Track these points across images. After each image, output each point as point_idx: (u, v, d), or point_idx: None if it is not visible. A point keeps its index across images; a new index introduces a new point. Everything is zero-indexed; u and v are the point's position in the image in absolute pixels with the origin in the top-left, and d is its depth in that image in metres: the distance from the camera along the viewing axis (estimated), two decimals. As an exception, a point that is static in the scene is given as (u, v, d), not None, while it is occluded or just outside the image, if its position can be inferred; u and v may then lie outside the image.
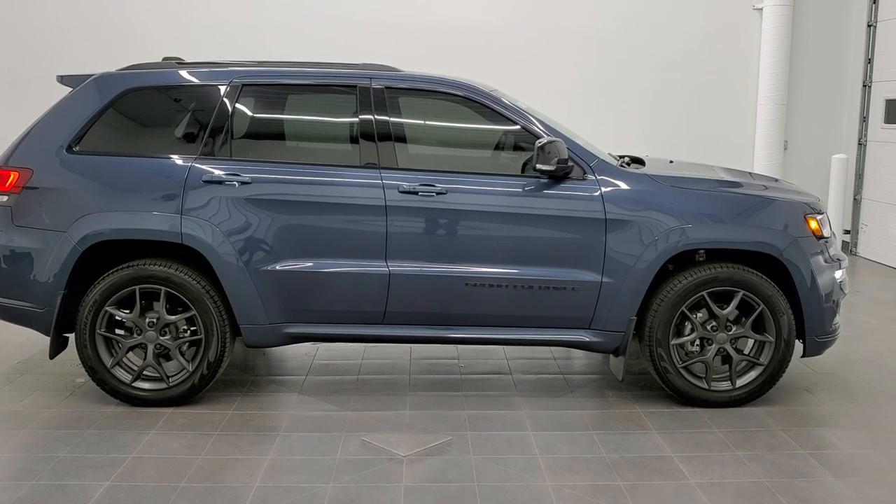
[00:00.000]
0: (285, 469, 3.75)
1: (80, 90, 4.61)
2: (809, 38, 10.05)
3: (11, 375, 5.04)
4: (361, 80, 4.61)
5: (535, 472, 3.75)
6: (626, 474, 3.75)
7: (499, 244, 4.48)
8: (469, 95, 4.63)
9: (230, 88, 4.58)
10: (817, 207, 4.68)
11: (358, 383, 4.97)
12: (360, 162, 4.49)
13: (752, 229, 4.51)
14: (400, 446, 4.01)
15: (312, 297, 4.47)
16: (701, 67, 10.05)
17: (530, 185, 4.48)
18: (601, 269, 4.44)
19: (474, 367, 5.31)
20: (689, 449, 4.04)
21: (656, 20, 9.98)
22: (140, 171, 4.45)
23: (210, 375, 4.48)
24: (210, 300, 4.40)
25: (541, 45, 9.93)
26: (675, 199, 4.48)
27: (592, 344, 4.56)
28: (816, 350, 4.66)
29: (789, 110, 9.96)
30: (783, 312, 4.48)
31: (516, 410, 4.54)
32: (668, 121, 10.06)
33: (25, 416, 4.36)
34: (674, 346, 4.50)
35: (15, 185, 4.46)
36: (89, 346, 4.41)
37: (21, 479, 3.63)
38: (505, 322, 4.57)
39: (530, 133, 4.55)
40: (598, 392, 4.88)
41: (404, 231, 4.45)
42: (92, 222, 4.37)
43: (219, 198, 4.39)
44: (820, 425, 4.41)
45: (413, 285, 4.45)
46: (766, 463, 3.89)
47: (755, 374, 4.57)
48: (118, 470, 3.72)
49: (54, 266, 4.40)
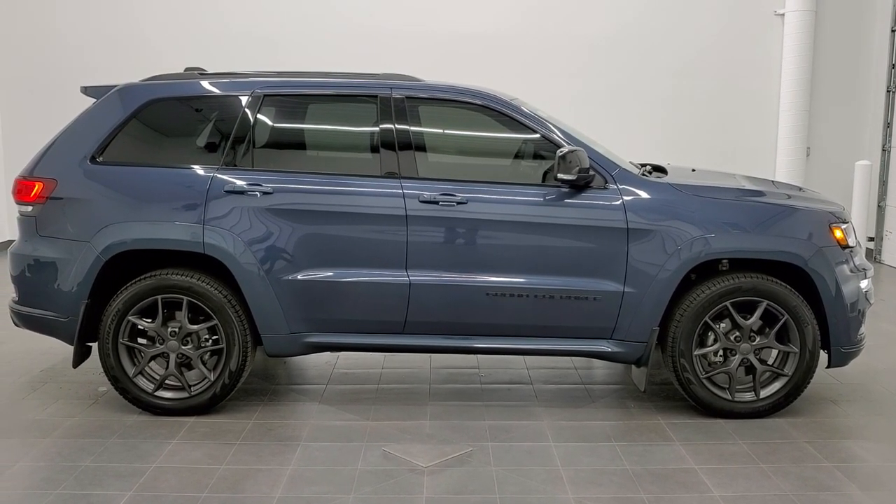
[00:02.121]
0: (306, 480, 3.75)
1: (103, 101, 4.65)
2: (832, 43, 9.97)
3: (35, 384, 5.09)
4: (382, 90, 4.61)
5: (557, 484, 3.72)
6: (650, 487, 3.71)
7: (519, 254, 4.46)
8: (489, 104, 4.62)
9: (252, 99, 4.60)
10: (842, 216, 4.63)
11: (378, 393, 4.97)
12: (381, 171, 4.49)
13: (776, 239, 4.46)
14: (421, 457, 4.00)
15: (333, 306, 4.48)
16: (721, 74, 10.00)
17: (551, 195, 4.46)
18: (623, 279, 4.41)
19: (495, 377, 5.29)
20: (713, 461, 3.99)
21: (674, 27, 9.94)
22: (163, 182, 4.48)
23: (231, 385, 4.50)
24: (232, 310, 4.42)
25: (555, 52, 9.94)
26: (697, 208, 4.44)
27: (614, 354, 4.53)
28: (842, 361, 4.60)
29: (812, 116, 9.88)
30: (808, 323, 4.43)
31: (537, 421, 4.51)
32: (688, 129, 10.02)
33: (49, 425, 4.39)
34: (697, 356, 4.46)
35: (39, 196, 4.50)
36: (112, 355, 4.44)
37: (45, 488, 3.65)
38: (526, 332, 4.54)
39: (551, 142, 4.53)
40: (620, 403, 4.84)
41: (425, 240, 4.44)
42: (115, 232, 4.40)
43: (240, 208, 4.41)
44: (846, 437, 4.35)
45: (433, 295, 4.44)
46: (791, 476, 3.84)
47: (779, 385, 4.52)
48: (141, 479, 3.74)
49: (78, 276, 4.44)
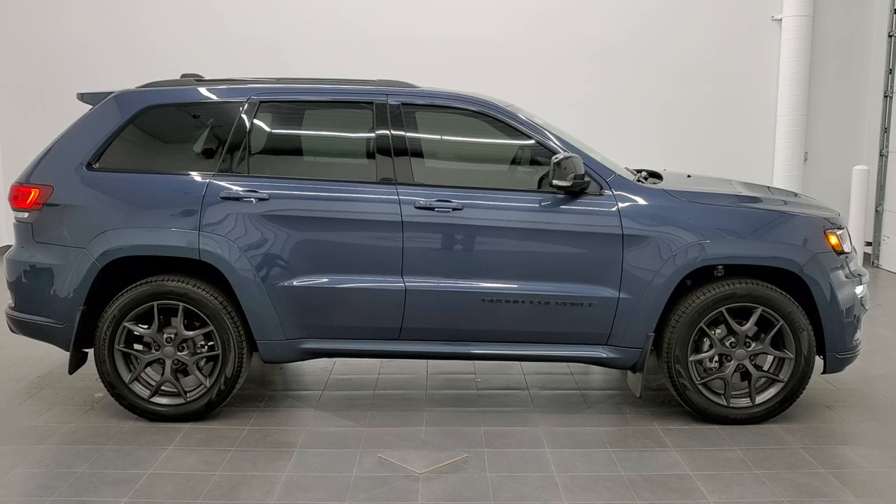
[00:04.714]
0: (301, 486, 3.75)
1: (99, 107, 4.66)
2: (829, 48, 9.99)
3: (31, 390, 5.09)
4: (378, 97, 4.62)
5: (552, 491, 3.73)
6: (644, 493, 3.71)
7: (515, 260, 4.47)
8: (485, 111, 4.63)
9: (248, 105, 4.61)
10: (837, 222, 4.63)
11: (374, 398, 4.97)
12: (377, 178, 4.50)
13: (772, 245, 4.47)
14: (416, 463, 4.00)
15: (329, 312, 4.48)
16: (719, 79, 10.02)
17: (547, 201, 4.47)
18: (618, 285, 4.42)
19: (491, 383, 5.29)
20: (708, 467, 4.00)
21: (672, 32, 9.96)
22: (159, 188, 4.49)
23: (227, 391, 4.50)
24: (227, 316, 4.42)
25: (556, 58, 9.96)
26: (693, 214, 4.45)
27: (610, 360, 4.53)
28: (837, 366, 4.61)
29: (809, 121, 9.89)
30: (803, 328, 4.44)
31: (533, 427, 4.51)
32: (686, 133, 10.03)
33: (45, 431, 4.40)
34: (692, 362, 4.47)
35: (36, 202, 4.51)
36: (108, 361, 4.44)
37: (41, 494, 3.65)
38: (522, 338, 4.54)
39: (546, 148, 4.54)
40: (616, 409, 4.84)
41: (420, 247, 4.45)
42: (111, 238, 4.41)
43: (236, 214, 4.41)
44: (841, 443, 4.35)
45: (429, 301, 4.45)
46: (785, 482, 3.84)
47: (775, 391, 4.53)
48: (136, 486, 3.74)
49: (74, 282, 4.44)
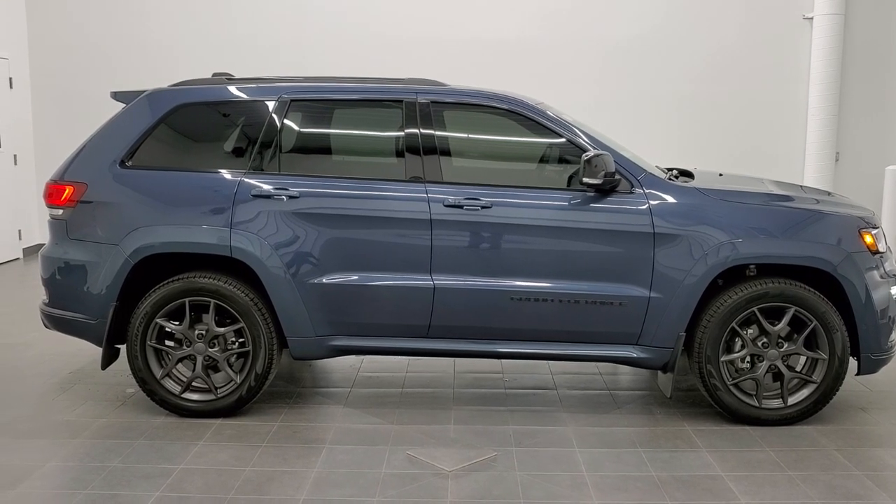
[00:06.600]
0: (331, 482, 3.77)
1: (132, 106, 4.71)
2: (861, 46, 9.86)
3: (65, 385, 5.16)
4: (407, 95, 4.63)
5: (583, 490, 3.71)
6: (675, 493, 3.68)
7: (544, 258, 4.45)
8: (514, 109, 4.62)
9: (278, 104, 4.63)
10: (872, 221, 4.57)
11: (402, 396, 4.97)
12: (406, 176, 4.51)
13: (805, 244, 4.41)
14: (445, 461, 4.00)
15: (358, 310, 4.49)
16: (749, 78, 9.93)
17: (576, 199, 4.44)
18: (649, 284, 4.38)
19: (519, 382, 5.28)
20: (740, 468, 3.95)
21: (701, 31, 9.90)
22: (190, 186, 4.53)
23: (257, 387, 4.53)
24: (258, 312, 4.45)
25: (577, 58, 9.94)
26: (724, 212, 4.40)
27: (640, 360, 4.50)
28: (872, 368, 4.54)
29: (841, 121, 9.77)
30: (837, 329, 4.37)
31: (562, 426, 4.49)
32: (718, 133, 9.96)
33: (78, 426, 4.45)
34: (724, 362, 4.42)
35: (70, 199, 4.57)
36: (140, 357, 4.49)
37: (74, 488, 3.70)
38: (550, 337, 4.53)
39: (576, 146, 4.52)
40: (646, 409, 4.81)
41: (449, 245, 4.45)
42: (144, 235, 4.45)
43: (267, 212, 4.44)
44: (876, 445, 4.29)
45: (457, 299, 4.45)
46: (819, 484, 3.79)
47: (808, 392, 4.47)
48: (168, 480, 3.77)
49: (107, 278, 4.49)
